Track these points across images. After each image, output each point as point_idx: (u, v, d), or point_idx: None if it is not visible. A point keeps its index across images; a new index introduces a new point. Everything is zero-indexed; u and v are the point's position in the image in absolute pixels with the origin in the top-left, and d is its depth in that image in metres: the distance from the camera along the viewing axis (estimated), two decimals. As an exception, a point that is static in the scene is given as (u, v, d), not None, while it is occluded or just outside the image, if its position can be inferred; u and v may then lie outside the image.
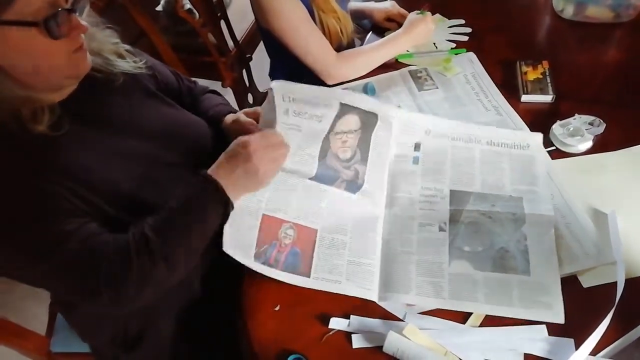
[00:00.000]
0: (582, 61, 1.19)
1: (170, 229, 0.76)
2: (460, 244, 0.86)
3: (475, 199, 0.91)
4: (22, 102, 0.71)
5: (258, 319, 0.82)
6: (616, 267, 0.80)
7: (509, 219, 0.88)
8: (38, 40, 0.68)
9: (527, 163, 0.95)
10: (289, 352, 0.77)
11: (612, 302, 0.76)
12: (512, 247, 0.85)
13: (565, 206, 0.90)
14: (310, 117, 0.90)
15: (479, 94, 1.12)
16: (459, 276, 0.82)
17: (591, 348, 0.73)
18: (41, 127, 0.72)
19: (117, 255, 0.72)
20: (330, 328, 0.79)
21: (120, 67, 0.85)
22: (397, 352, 0.74)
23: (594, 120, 1.01)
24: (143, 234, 0.74)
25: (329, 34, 1.21)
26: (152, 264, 0.73)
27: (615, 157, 0.97)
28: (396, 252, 0.86)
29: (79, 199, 0.74)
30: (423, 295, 0.81)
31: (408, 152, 0.97)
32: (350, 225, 0.89)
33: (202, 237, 0.78)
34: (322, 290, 0.82)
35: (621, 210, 0.87)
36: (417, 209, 0.91)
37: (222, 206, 0.78)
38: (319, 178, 0.89)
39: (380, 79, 1.19)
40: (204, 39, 1.51)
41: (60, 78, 0.75)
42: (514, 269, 0.82)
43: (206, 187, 0.77)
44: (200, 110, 1.03)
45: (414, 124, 1.00)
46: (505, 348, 0.75)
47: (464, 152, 0.97)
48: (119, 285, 0.72)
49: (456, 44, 1.25)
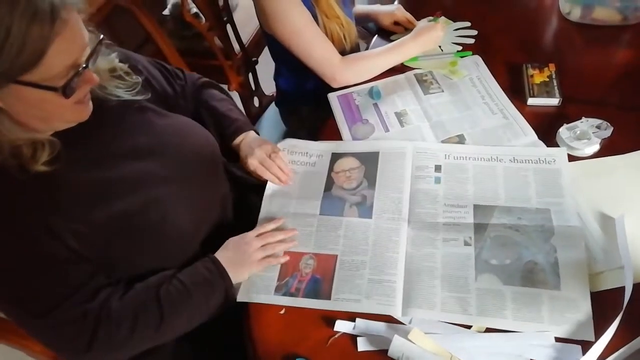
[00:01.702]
0: (589, 64, 1.18)
1: (179, 305, 0.80)
2: (487, 257, 0.84)
3: (500, 213, 0.89)
4: (24, 141, 0.70)
5: (263, 322, 0.82)
6: (624, 272, 0.79)
7: (537, 231, 0.86)
8: (51, 98, 0.67)
9: (553, 176, 0.94)
10: (294, 355, 0.77)
11: (620, 308, 0.76)
12: (541, 260, 0.83)
13: (583, 226, 0.87)
14: (304, 164, 1.03)
15: (485, 97, 1.12)
16: (486, 291, 0.81)
17: (598, 354, 0.72)
18: (40, 166, 0.71)
19: (116, 318, 0.76)
20: (336, 331, 0.79)
21: (115, 94, 0.83)
22: (402, 356, 0.74)
23: (601, 123, 1.00)
24: (155, 301, 0.79)
25: (332, 39, 1.21)
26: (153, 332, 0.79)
27: (623, 160, 0.97)
28: (420, 267, 0.85)
29: (80, 240, 0.74)
30: (448, 311, 0.79)
31: (429, 173, 0.98)
32: (371, 245, 0.89)
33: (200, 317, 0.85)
34: (344, 310, 0.82)
35: (629, 214, 0.86)
36: (440, 224, 0.90)
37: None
38: (326, 211, 0.94)
39: (386, 83, 1.19)
40: (210, 42, 1.51)
41: (62, 124, 0.76)
42: (543, 283, 0.80)
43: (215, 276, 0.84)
44: (214, 118, 1.04)
45: (432, 151, 1.01)
46: (511, 354, 0.75)
47: (486, 170, 0.97)
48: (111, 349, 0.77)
49: (462, 47, 1.24)
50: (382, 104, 1.14)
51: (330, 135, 1.09)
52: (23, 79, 0.64)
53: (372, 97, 1.16)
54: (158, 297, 0.79)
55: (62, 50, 0.64)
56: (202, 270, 0.84)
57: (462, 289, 0.81)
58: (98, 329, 0.74)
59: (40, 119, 0.72)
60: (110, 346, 0.76)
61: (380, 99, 1.15)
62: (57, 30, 0.62)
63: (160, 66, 1.01)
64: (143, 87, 0.87)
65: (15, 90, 0.64)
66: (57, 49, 0.63)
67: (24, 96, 0.66)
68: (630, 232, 0.84)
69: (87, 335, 0.74)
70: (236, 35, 1.64)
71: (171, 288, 0.81)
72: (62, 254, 0.73)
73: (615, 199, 0.90)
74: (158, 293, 0.79)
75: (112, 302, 0.77)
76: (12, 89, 0.64)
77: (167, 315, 0.79)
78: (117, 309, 0.76)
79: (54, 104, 0.69)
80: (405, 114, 1.11)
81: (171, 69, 1.04)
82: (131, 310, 0.77)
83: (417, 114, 1.10)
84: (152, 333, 0.79)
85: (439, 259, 0.85)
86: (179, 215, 0.85)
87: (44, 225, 0.71)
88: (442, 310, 0.80)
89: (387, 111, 1.12)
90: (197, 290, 0.82)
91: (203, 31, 1.47)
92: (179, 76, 1.05)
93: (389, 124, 1.09)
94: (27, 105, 0.68)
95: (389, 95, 1.16)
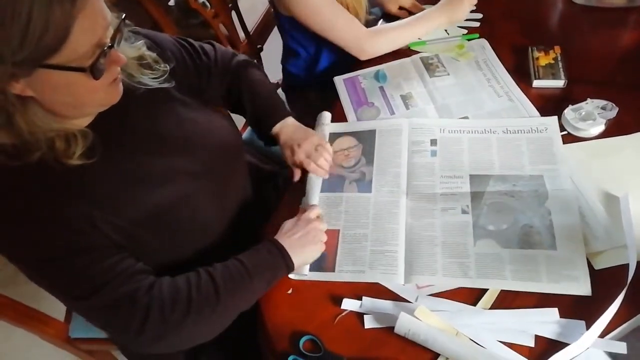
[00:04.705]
0: (594, 46, 1.18)
1: (236, 286, 0.78)
2: (485, 224, 0.87)
3: (495, 181, 0.92)
4: (56, 133, 0.70)
5: (272, 302, 0.84)
6: (627, 250, 0.80)
7: (531, 196, 0.89)
8: (79, 80, 0.66)
9: (545, 144, 0.96)
10: (302, 333, 0.79)
11: (624, 284, 0.76)
12: (536, 223, 0.85)
13: (575, 190, 0.89)
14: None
15: (491, 80, 1.12)
16: (485, 255, 0.83)
17: (601, 330, 0.73)
18: (74, 160, 0.70)
19: (169, 300, 0.74)
20: (343, 309, 0.81)
21: (142, 82, 0.82)
22: (408, 332, 0.75)
23: (607, 104, 1.00)
24: (210, 279, 0.77)
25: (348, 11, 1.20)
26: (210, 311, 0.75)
27: (628, 140, 0.97)
28: (420, 236, 0.87)
29: (115, 231, 0.74)
30: (450, 276, 0.82)
31: (425, 148, 1.00)
32: (371, 218, 0.91)
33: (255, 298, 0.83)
34: (347, 281, 0.84)
35: (634, 194, 0.87)
36: (438, 195, 0.92)
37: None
38: (326, 189, 0.96)
39: (392, 66, 1.19)
40: (216, 30, 1.51)
41: (94, 108, 0.75)
42: (540, 244, 0.83)
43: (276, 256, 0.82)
44: (251, 103, 1.03)
45: (427, 126, 1.03)
46: (516, 330, 0.76)
47: (480, 141, 0.99)
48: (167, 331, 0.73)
49: (467, 30, 1.24)
50: (387, 87, 1.15)
51: (336, 119, 1.10)
52: (50, 62, 0.62)
53: (378, 80, 1.16)
54: (213, 277, 0.77)
55: (86, 28, 0.63)
56: (263, 252, 0.82)
57: (461, 254, 0.84)
58: (150, 311, 0.72)
59: (72, 105, 0.71)
60: (165, 328, 0.73)
61: (386, 82, 1.16)
62: (79, 7, 0.61)
63: (188, 45, 0.99)
64: (170, 75, 0.86)
65: (44, 75, 0.63)
66: (80, 27, 0.62)
67: (53, 81, 0.65)
68: (634, 210, 0.84)
69: (138, 317, 0.72)
70: (241, 23, 1.64)
71: (230, 268, 0.79)
72: (102, 242, 0.73)
73: (620, 179, 0.90)
74: (212, 274, 0.78)
75: (163, 284, 0.75)
76: (40, 74, 0.63)
77: (223, 296, 0.76)
78: (169, 291, 0.75)
79: (84, 87, 0.68)
80: (410, 97, 1.11)
81: (200, 47, 1.01)
82: (185, 291, 0.75)
83: (422, 97, 1.11)
84: (209, 313, 0.75)
85: (438, 227, 0.88)
86: (207, 210, 0.87)
87: (83, 216, 0.71)
88: (443, 275, 0.82)
89: (393, 94, 1.13)
90: (256, 272, 0.80)
91: (209, 18, 1.48)
92: (207, 54, 1.02)
93: (394, 106, 1.10)
94: (57, 91, 0.67)
95: (395, 78, 1.16)
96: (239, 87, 1.04)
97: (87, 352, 1.17)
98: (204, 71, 1.00)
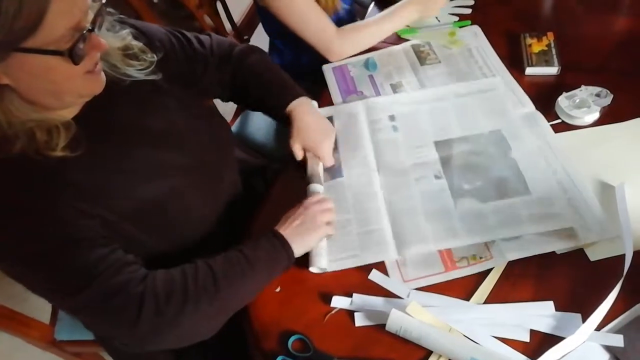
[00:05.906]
0: (588, 32, 1.15)
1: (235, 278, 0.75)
2: (460, 184, 0.90)
3: (459, 143, 0.96)
4: (37, 124, 0.67)
5: (260, 300, 0.81)
6: (623, 240, 0.78)
7: (495, 150, 0.93)
8: (58, 65, 0.64)
9: (495, 102, 1.01)
10: (291, 332, 0.76)
11: (620, 276, 0.74)
12: (506, 173, 0.89)
13: (568, 181, 0.87)
14: None
15: (483, 67, 1.10)
16: (467, 213, 0.85)
17: (597, 322, 0.71)
18: (57, 152, 0.68)
19: (164, 292, 0.71)
20: (333, 307, 0.79)
21: (127, 74, 0.79)
22: (399, 330, 0.73)
23: (601, 91, 0.97)
24: (209, 270, 0.74)
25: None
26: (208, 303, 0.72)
27: (623, 128, 0.95)
28: (402, 209, 0.88)
29: (103, 224, 0.72)
30: (440, 239, 0.83)
31: (386, 124, 1.01)
32: (351, 202, 0.90)
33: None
34: (343, 269, 0.82)
35: (629, 183, 0.85)
36: (408, 166, 0.94)
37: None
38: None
39: (382, 54, 1.16)
40: (200, 21, 1.48)
41: (74, 97, 0.72)
42: (515, 192, 0.87)
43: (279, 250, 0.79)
44: (256, 90, 0.99)
45: (382, 104, 1.04)
46: (511, 324, 0.74)
47: (436, 110, 1.02)
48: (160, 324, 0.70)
49: (459, 17, 1.21)
50: (377, 75, 1.12)
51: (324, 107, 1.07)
52: (25, 45, 0.60)
53: (368, 69, 1.13)
54: (211, 266, 0.75)
55: (62, 10, 0.60)
56: (262, 241, 0.80)
57: (445, 217, 0.86)
58: (143, 303, 0.69)
59: (51, 93, 0.68)
60: (161, 322, 0.70)
61: (376, 70, 1.13)
62: None
63: (180, 35, 0.96)
64: (157, 66, 0.83)
65: (19, 59, 0.61)
66: (57, 8, 0.59)
67: (29, 66, 0.62)
68: (630, 200, 0.83)
69: (132, 310, 0.69)
70: (227, 14, 1.61)
71: (229, 257, 0.77)
72: (90, 234, 0.70)
73: (615, 167, 0.88)
74: (210, 264, 0.75)
75: (157, 276, 0.72)
76: (16, 58, 0.61)
77: (223, 284, 0.74)
78: (163, 282, 0.72)
79: (63, 73, 0.65)
80: (400, 86, 1.09)
81: (194, 37, 0.98)
82: (180, 281, 0.72)
83: (412, 85, 1.08)
84: (207, 304, 0.72)
85: (417, 197, 0.89)
86: (197, 204, 0.85)
87: (70, 208, 0.69)
88: (434, 240, 0.83)
89: (383, 83, 1.10)
90: (256, 260, 0.77)
91: (192, 9, 1.44)
92: (203, 43, 0.98)
93: (384, 95, 1.07)
94: (35, 77, 0.64)
95: (385, 66, 1.13)
96: (243, 72, 1.01)
97: (74, 354, 1.15)
98: (199, 60, 0.96)
